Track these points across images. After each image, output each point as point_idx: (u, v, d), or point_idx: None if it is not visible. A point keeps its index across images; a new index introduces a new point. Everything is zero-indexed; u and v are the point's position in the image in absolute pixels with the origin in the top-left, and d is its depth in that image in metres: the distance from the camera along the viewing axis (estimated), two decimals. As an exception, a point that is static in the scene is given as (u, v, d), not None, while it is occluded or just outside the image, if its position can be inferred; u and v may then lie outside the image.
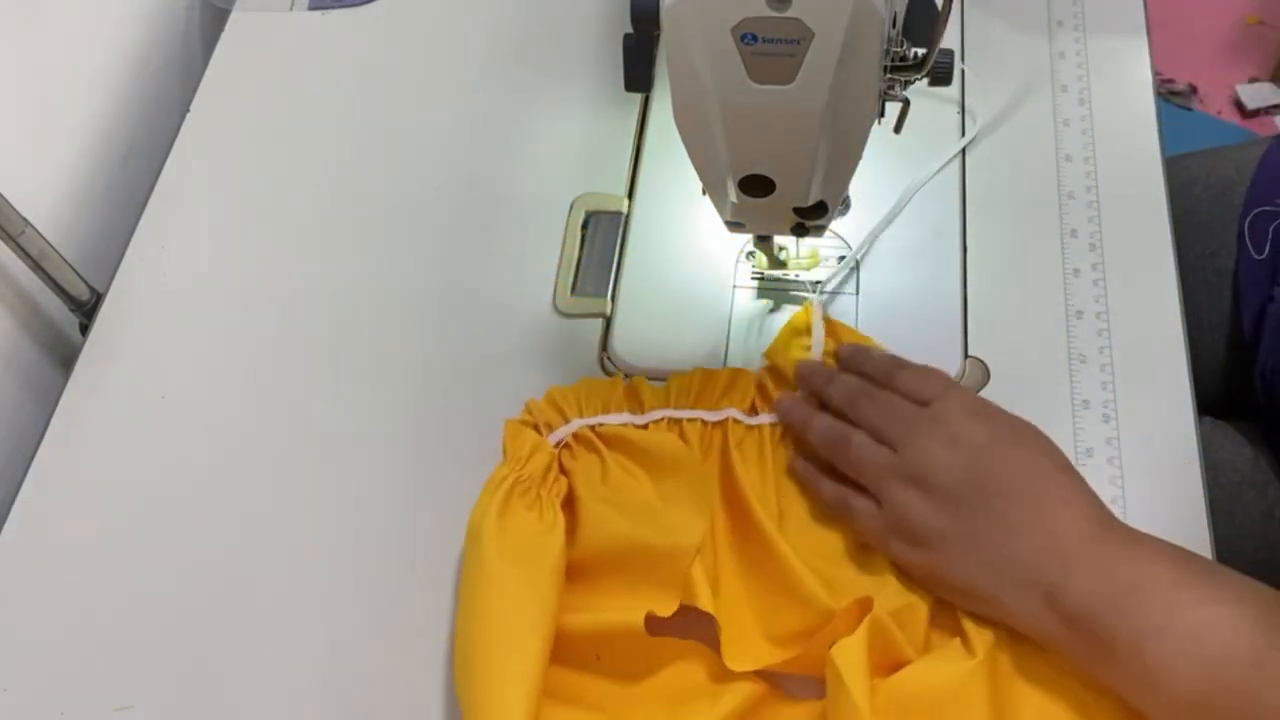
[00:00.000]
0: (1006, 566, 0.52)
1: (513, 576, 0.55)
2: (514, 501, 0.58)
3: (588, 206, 0.73)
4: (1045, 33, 0.78)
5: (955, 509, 0.54)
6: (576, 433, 0.61)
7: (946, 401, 0.57)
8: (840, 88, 0.48)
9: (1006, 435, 0.55)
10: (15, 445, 0.71)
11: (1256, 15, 1.85)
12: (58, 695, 0.59)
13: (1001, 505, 0.53)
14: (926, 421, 0.56)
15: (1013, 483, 0.53)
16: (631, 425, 0.61)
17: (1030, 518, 0.52)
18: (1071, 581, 0.50)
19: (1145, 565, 0.50)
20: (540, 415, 0.62)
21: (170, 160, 0.78)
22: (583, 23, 0.82)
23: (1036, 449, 0.55)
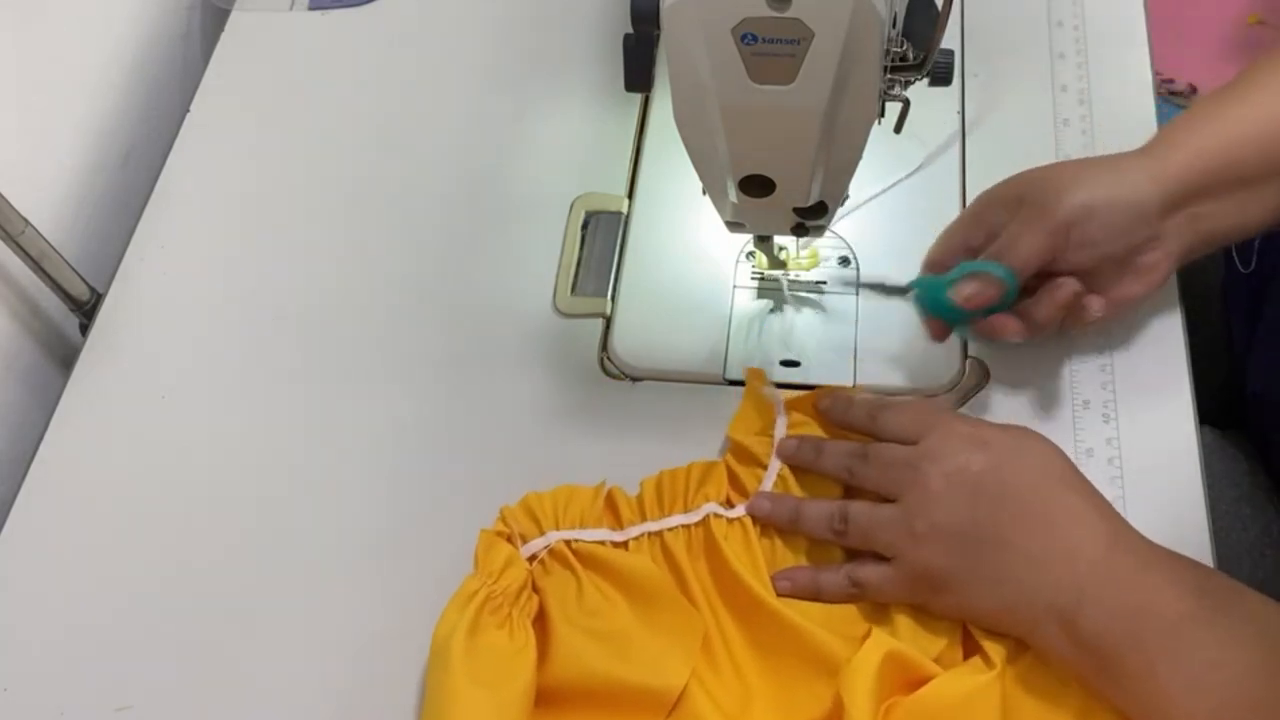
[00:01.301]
0: (1022, 599, 0.52)
1: (480, 699, 0.52)
2: (484, 619, 0.55)
3: (588, 206, 0.73)
4: (1045, 33, 0.78)
5: (968, 548, 0.53)
6: (552, 548, 0.58)
7: (934, 438, 0.55)
8: (840, 88, 0.48)
9: (1003, 457, 0.54)
10: (15, 445, 0.71)
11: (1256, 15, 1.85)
12: (58, 695, 0.59)
13: (1012, 534, 0.52)
14: (921, 464, 0.54)
15: (1020, 507, 0.52)
16: (610, 543, 0.58)
17: (1044, 542, 0.51)
18: (1085, 606, 0.50)
19: (1160, 591, 0.49)
20: (515, 525, 0.59)
21: (170, 160, 0.78)
22: (583, 23, 0.82)
23: (1037, 464, 0.54)
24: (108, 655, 0.60)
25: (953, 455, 0.54)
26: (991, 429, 0.56)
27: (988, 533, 0.52)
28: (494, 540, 0.58)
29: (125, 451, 0.67)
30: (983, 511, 0.52)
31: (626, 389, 0.67)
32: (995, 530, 0.52)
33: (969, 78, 0.76)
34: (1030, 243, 0.58)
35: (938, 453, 0.54)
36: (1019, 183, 0.61)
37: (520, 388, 0.67)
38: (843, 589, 0.56)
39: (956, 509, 0.53)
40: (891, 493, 0.56)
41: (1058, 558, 0.51)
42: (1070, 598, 0.50)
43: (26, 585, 0.63)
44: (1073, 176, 0.59)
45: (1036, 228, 0.58)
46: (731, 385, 0.66)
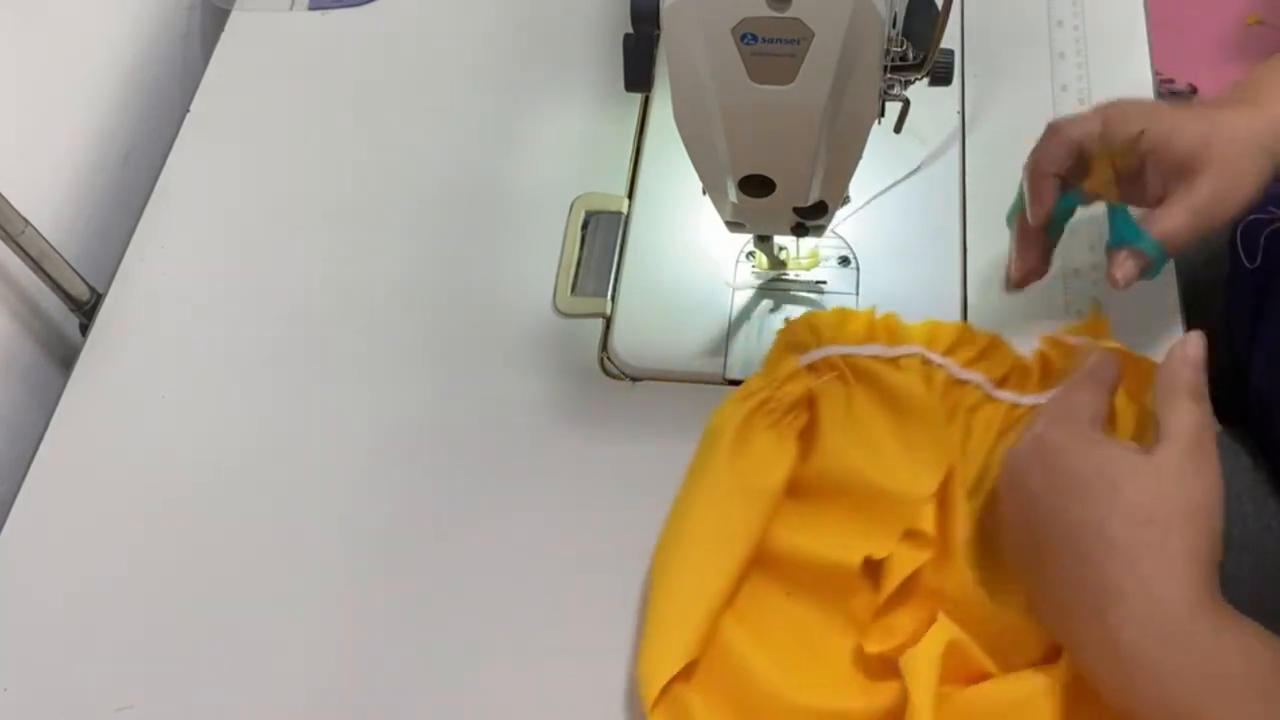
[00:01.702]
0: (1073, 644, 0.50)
1: (734, 491, 0.57)
2: (758, 418, 0.60)
3: (588, 206, 0.73)
4: (1045, 33, 0.78)
5: (1016, 542, 0.52)
6: (829, 359, 0.61)
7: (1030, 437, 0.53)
8: (840, 88, 0.48)
9: (1062, 486, 0.50)
10: (15, 445, 0.71)
11: (1256, 15, 1.85)
12: (58, 695, 0.59)
13: (1048, 563, 0.50)
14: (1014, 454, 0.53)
15: (1061, 547, 0.49)
16: (881, 357, 0.61)
17: (1079, 596, 0.48)
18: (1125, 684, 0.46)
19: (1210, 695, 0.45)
20: (798, 334, 0.62)
21: (170, 160, 0.78)
22: (583, 23, 0.82)
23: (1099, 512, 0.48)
24: (108, 655, 0.60)
25: (1022, 465, 0.52)
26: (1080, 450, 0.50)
27: (1038, 556, 0.50)
28: (785, 351, 0.62)
29: (125, 451, 0.67)
30: (1032, 530, 0.50)
31: (626, 389, 0.67)
32: (1038, 550, 0.50)
33: (969, 78, 0.76)
34: (1190, 230, 0.56)
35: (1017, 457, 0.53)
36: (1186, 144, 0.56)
37: (520, 388, 0.67)
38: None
39: (1010, 512, 0.52)
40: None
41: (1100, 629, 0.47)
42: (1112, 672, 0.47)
43: (26, 585, 0.63)
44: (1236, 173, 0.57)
45: (1203, 226, 0.57)
46: (731, 385, 0.66)
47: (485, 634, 0.59)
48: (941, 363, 0.61)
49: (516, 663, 0.59)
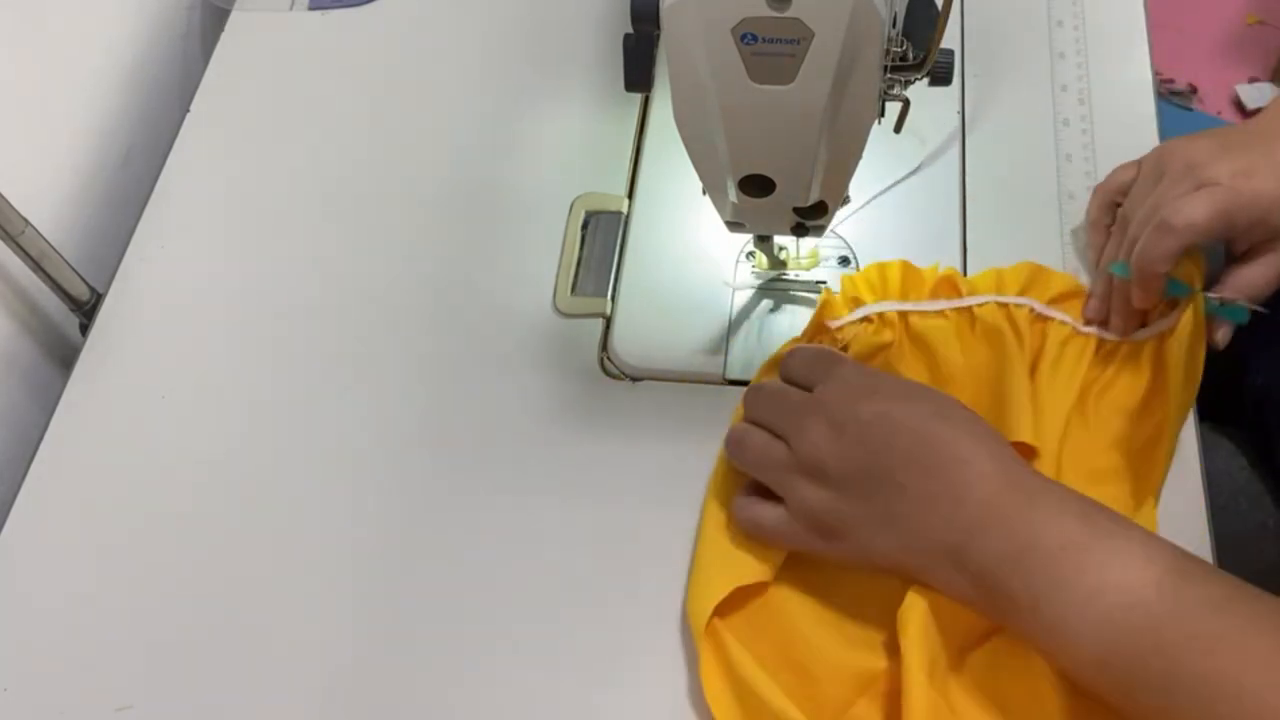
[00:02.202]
0: (916, 539, 0.53)
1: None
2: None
3: (588, 206, 0.73)
4: (1045, 33, 0.78)
5: (857, 491, 0.54)
6: (883, 314, 0.63)
7: (827, 385, 0.56)
8: (840, 88, 0.48)
9: (893, 402, 0.54)
10: (15, 445, 0.71)
11: (1256, 15, 1.85)
12: (58, 695, 0.59)
13: (902, 476, 0.52)
14: (811, 410, 0.56)
15: (906, 454, 0.53)
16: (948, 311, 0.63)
17: (933, 483, 0.52)
18: (973, 545, 0.51)
19: (1044, 524, 0.50)
20: (854, 289, 0.64)
21: (170, 160, 0.78)
22: (583, 23, 0.82)
23: (928, 409, 0.54)
24: (108, 655, 0.60)
25: (840, 407, 0.55)
26: (886, 380, 0.56)
27: (876, 476, 0.53)
28: (825, 306, 0.64)
29: (125, 451, 0.67)
30: (871, 457, 0.53)
31: (626, 389, 0.67)
32: (884, 473, 0.53)
33: (969, 78, 0.76)
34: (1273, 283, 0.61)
35: (826, 401, 0.55)
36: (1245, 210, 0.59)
37: (520, 388, 0.67)
38: (744, 519, 0.58)
39: (840, 458, 0.54)
40: (783, 434, 0.56)
41: (946, 498, 0.52)
42: (959, 537, 0.51)
43: (26, 585, 0.63)
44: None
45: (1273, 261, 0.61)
46: (731, 385, 0.66)
47: (485, 634, 0.59)
48: (1021, 303, 0.62)
49: (517, 662, 0.59)
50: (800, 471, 0.55)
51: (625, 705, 0.57)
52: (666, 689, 0.57)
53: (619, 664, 0.58)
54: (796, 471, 0.55)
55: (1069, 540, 0.49)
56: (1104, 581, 0.48)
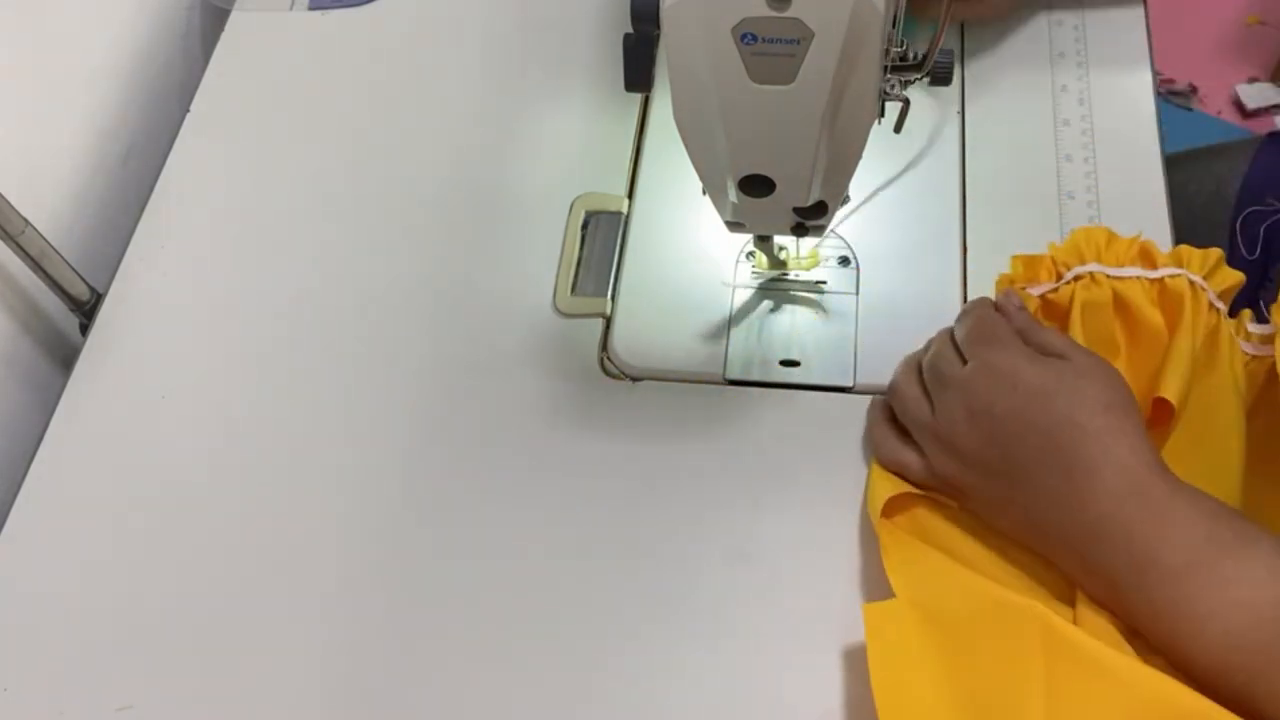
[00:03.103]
0: (1039, 531, 0.54)
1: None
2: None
3: (588, 206, 0.73)
4: (1045, 33, 0.78)
5: (984, 475, 0.55)
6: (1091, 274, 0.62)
7: (976, 367, 0.56)
8: (840, 88, 0.48)
9: (1029, 404, 0.54)
10: (15, 445, 0.71)
11: (1256, 15, 1.85)
12: (58, 695, 0.59)
13: (1028, 474, 0.53)
14: (955, 389, 0.56)
15: (1035, 453, 0.53)
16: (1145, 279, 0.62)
17: (1056, 486, 0.52)
18: (1096, 550, 0.51)
19: (1168, 541, 0.49)
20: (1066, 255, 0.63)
21: (170, 160, 0.78)
22: (583, 23, 0.82)
23: (1063, 412, 0.53)
24: (108, 655, 0.60)
25: (982, 393, 0.55)
26: (1032, 368, 0.55)
27: (1004, 469, 0.54)
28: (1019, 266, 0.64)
29: (125, 451, 0.67)
30: (999, 451, 0.54)
31: (626, 389, 0.67)
32: (1012, 467, 0.54)
33: (969, 78, 0.76)
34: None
35: (971, 386, 0.56)
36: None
37: (520, 388, 0.67)
38: (887, 464, 0.60)
39: (975, 444, 0.55)
40: (933, 397, 0.58)
41: (1071, 502, 0.52)
42: (1082, 540, 0.52)
43: (26, 585, 0.63)
44: None
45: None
46: (731, 385, 0.66)
47: (485, 633, 0.59)
48: (1202, 285, 0.62)
49: (516, 662, 0.59)
50: (937, 439, 0.57)
51: (625, 705, 0.57)
52: (666, 688, 0.57)
53: (618, 663, 0.58)
54: (935, 437, 0.57)
55: (1191, 558, 0.49)
56: (1226, 600, 0.48)
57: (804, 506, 0.62)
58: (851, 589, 0.59)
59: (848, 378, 0.65)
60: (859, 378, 0.65)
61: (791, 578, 0.60)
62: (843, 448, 0.63)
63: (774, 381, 0.66)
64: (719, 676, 0.57)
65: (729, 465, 0.63)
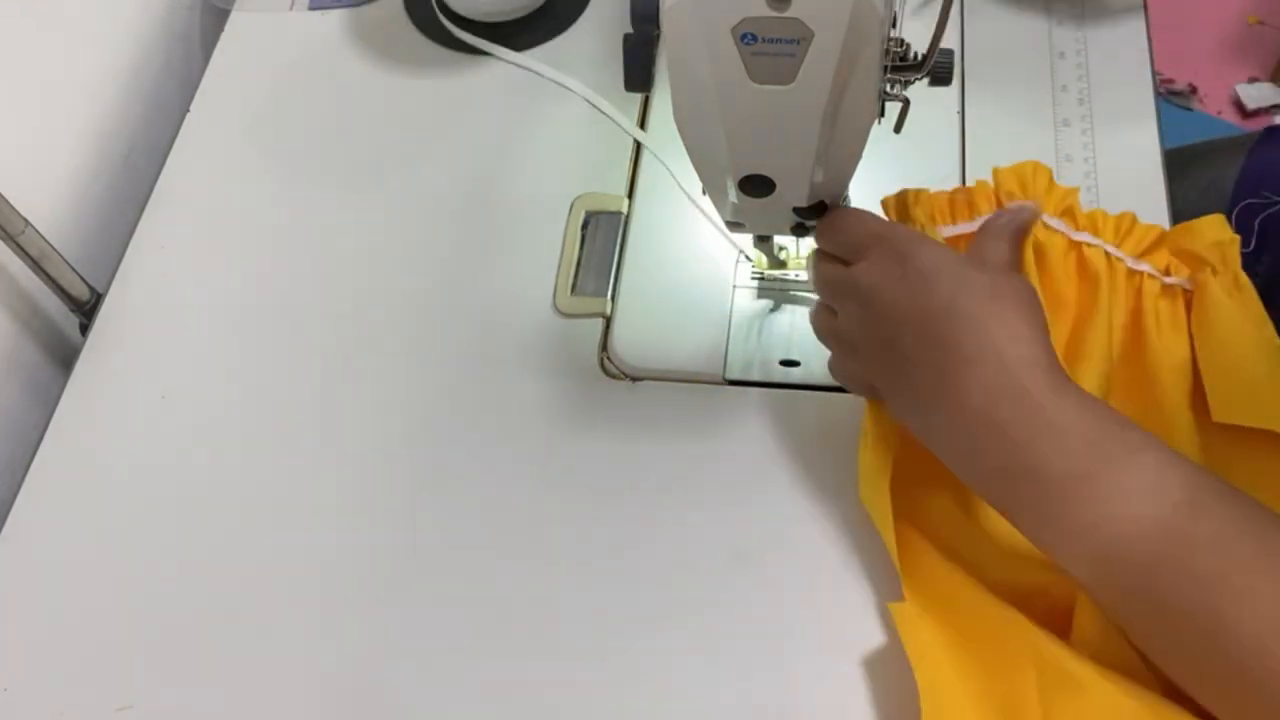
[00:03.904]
0: (929, 432, 0.52)
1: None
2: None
3: (588, 206, 0.73)
4: (1045, 33, 0.78)
5: (884, 377, 0.54)
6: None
7: (863, 265, 0.54)
8: (840, 88, 0.48)
9: (912, 294, 0.51)
10: (15, 445, 0.71)
11: (1256, 15, 1.85)
12: (58, 695, 0.59)
13: (911, 371, 0.52)
14: (847, 290, 0.55)
15: (916, 345, 0.51)
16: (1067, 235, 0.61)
17: (934, 384, 0.50)
18: (975, 450, 0.50)
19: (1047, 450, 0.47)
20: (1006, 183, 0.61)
21: (170, 160, 0.78)
22: (583, 22, 0.82)
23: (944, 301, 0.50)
24: (108, 655, 0.60)
25: (871, 287, 0.53)
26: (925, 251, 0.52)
27: (894, 366, 0.53)
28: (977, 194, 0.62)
29: (125, 451, 0.67)
30: (886, 347, 0.53)
31: (626, 389, 0.67)
32: (900, 364, 0.52)
33: (969, 78, 0.76)
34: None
35: (860, 282, 0.54)
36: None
37: (520, 388, 0.67)
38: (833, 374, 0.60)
39: (866, 338, 0.54)
40: (835, 305, 0.57)
41: (949, 400, 0.50)
42: (962, 441, 0.50)
43: (26, 585, 0.63)
44: None
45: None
46: (731, 385, 0.66)
47: (484, 633, 0.59)
48: (1118, 255, 0.61)
49: (514, 662, 0.59)
50: (840, 342, 0.57)
51: (623, 704, 0.57)
52: (665, 688, 0.57)
53: (618, 663, 0.58)
54: (841, 341, 0.57)
55: (1071, 468, 0.47)
56: (1102, 516, 0.46)
57: (804, 506, 0.62)
58: (851, 589, 0.59)
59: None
60: (859, 378, 0.65)
61: (791, 577, 0.60)
62: (843, 448, 0.63)
63: (774, 381, 0.66)
64: (718, 676, 0.57)
65: (729, 465, 0.63)
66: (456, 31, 0.82)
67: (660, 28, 0.47)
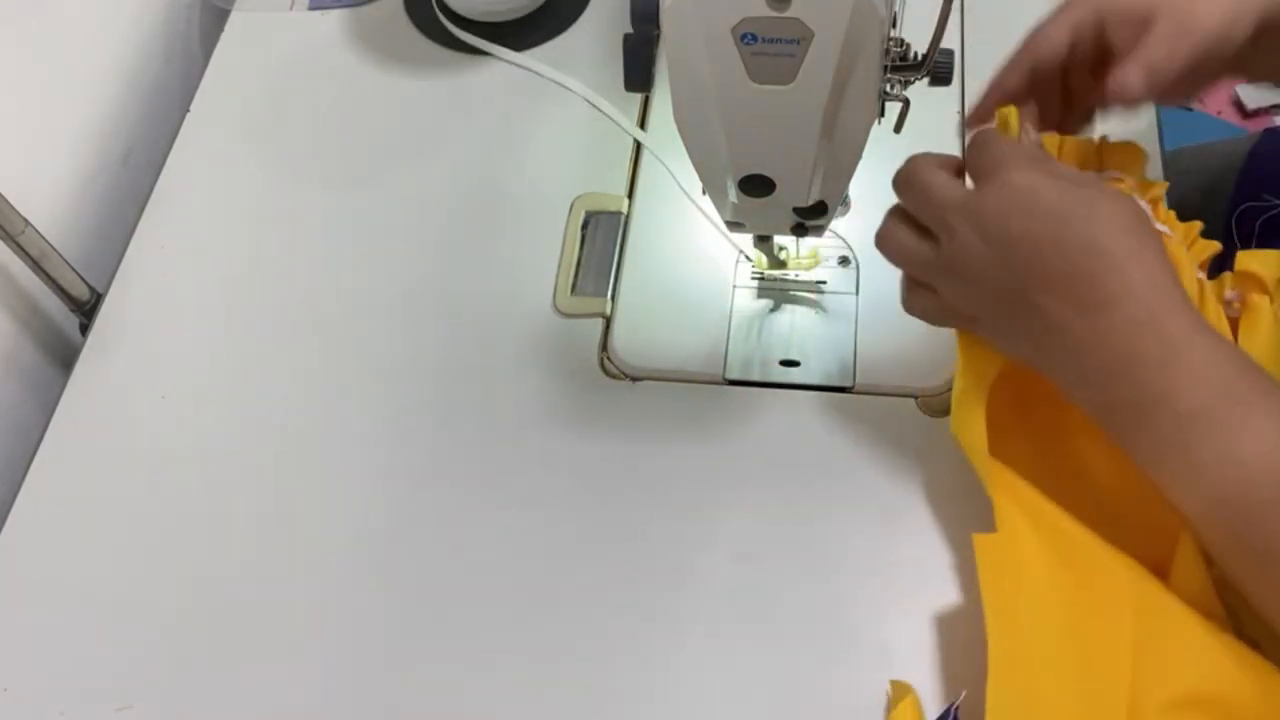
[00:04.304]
0: (1049, 362, 0.52)
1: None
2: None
3: (588, 206, 0.73)
4: (1045, 33, 0.78)
5: (998, 306, 0.52)
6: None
7: (987, 189, 0.52)
8: (840, 88, 0.48)
9: (1046, 228, 0.50)
10: (15, 445, 0.71)
11: (1256, 15, 1.84)
12: (58, 695, 0.59)
13: (1039, 301, 0.50)
14: (965, 215, 0.52)
15: (1047, 280, 0.50)
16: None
17: (1066, 317, 0.50)
18: (1104, 382, 0.50)
19: (1179, 383, 0.48)
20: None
21: (170, 160, 0.78)
22: (583, 22, 0.82)
23: (1082, 238, 0.50)
24: (108, 655, 0.60)
25: (997, 217, 0.51)
26: (1051, 185, 0.51)
27: (1018, 296, 0.51)
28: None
29: (125, 451, 0.67)
30: (1014, 278, 0.51)
31: (626, 389, 0.67)
32: (1025, 294, 0.51)
33: (969, 78, 0.76)
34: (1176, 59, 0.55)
35: (983, 210, 0.51)
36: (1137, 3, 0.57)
37: (520, 388, 0.67)
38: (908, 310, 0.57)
39: (986, 265, 0.52)
40: (933, 230, 0.54)
41: (1084, 329, 0.49)
42: (1091, 372, 0.50)
43: (26, 585, 0.63)
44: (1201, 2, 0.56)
45: (1184, 42, 0.55)
46: (731, 385, 0.66)
47: (484, 633, 0.59)
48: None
49: (515, 661, 0.59)
50: (947, 272, 0.53)
51: (624, 703, 0.57)
52: (666, 687, 0.57)
53: (617, 663, 0.58)
54: (944, 272, 0.54)
55: (1199, 404, 0.47)
56: (1224, 455, 0.47)
57: (804, 506, 0.62)
58: (851, 589, 0.59)
59: (848, 378, 0.65)
60: (859, 378, 0.65)
61: (791, 577, 0.60)
62: (843, 448, 0.63)
63: (774, 381, 0.66)
64: (718, 676, 0.57)
65: (729, 465, 0.63)
66: (456, 31, 0.82)
67: (660, 28, 0.47)
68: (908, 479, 0.61)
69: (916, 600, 0.58)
